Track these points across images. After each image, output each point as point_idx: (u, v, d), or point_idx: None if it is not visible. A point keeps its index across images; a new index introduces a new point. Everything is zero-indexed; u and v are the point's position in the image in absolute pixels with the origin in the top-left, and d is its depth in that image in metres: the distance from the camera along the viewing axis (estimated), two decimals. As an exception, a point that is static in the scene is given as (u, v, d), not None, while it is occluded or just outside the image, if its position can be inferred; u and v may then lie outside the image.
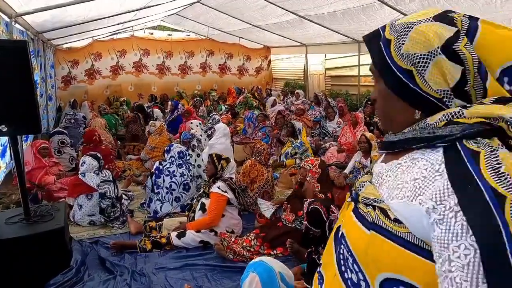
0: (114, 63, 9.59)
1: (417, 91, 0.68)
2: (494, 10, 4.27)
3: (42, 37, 5.81)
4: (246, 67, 11.45)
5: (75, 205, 3.68)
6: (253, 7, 6.80)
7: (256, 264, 1.67)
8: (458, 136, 0.61)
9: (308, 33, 7.80)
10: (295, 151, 5.09)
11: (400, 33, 0.70)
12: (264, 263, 1.69)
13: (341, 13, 5.93)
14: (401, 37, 0.69)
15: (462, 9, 4.48)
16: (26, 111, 2.34)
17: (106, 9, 5.31)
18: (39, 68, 5.81)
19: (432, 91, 0.67)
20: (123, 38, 9.72)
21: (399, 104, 0.73)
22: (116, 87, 9.63)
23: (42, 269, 2.51)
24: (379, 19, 5.69)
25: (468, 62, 0.63)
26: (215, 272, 2.82)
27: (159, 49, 10.14)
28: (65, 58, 8.78)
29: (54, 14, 4.35)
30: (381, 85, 0.75)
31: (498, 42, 0.64)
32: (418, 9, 4.90)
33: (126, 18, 6.87)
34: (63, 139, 5.11)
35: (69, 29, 5.79)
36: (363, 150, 4.21)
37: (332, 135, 6.28)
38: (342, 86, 9.76)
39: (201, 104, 8.75)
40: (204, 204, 3.24)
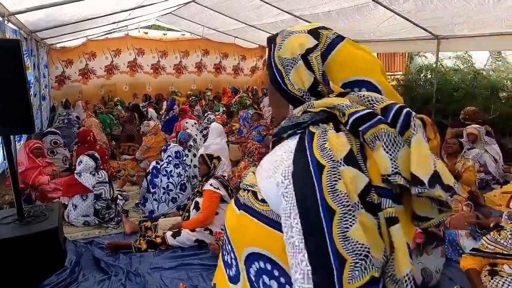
0: (108, 63, 9.53)
1: (286, 89, 0.81)
2: (487, 10, 4.31)
3: (35, 36, 5.76)
4: (241, 66, 11.44)
5: (69, 205, 3.65)
6: (248, 6, 6.80)
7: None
8: (308, 123, 0.73)
9: (303, 33, 7.81)
10: None
11: (282, 39, 0.84)
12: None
13: (335, 13, 5.95)
14: (282, 43, 0.83)
15: (455, 10, 4.54)
16: (19, 111, 2.32)
17: (100, 8, 5.28)
18: (33, 67, 5.76)
19: (294, 89, 0.80)
20: (117, 37, 9.64)
21: (280, 99, 0.85)
22: (110, 86, 9.57)
23: (36, 269, 2.50)
24: (374, 19, 5.71)
25: (316, 70, 0.77)
26: (211, 271, 2.82)
27: (154, 48, 10.09)
28: (59, 58, 8.71)
29: (47, 13, 4.31)
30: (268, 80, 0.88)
31: (347, 60, 0.78)
32: (412, 9, 4.94)
33: (121, 18, 6.82)
34: (55, 139, 5.07)
35: (63, 29, 5.74)
36: None
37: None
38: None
39: (196, 104, 8.73)
40: (198, 203, 3.25)
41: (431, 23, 5.33)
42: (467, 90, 6.28)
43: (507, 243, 2.20)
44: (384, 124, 0.67)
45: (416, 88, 7.17)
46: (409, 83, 7.40)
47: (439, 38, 5.75)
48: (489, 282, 2.14)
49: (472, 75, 6.61)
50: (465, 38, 5.42)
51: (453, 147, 3.98)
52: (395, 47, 7.04)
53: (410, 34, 5.94)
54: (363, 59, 0.79)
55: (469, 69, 6.88)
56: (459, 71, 6.93)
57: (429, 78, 7.15)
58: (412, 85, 7.27)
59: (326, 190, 0.63)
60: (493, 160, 4.65)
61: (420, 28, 5.52)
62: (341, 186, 0.63)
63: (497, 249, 2.22)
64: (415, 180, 0.63)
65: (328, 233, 0.61)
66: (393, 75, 7.89)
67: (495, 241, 2.26)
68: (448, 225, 3.25)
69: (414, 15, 5.18)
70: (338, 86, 0.77)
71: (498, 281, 2.10)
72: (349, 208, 0.61)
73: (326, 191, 0.63)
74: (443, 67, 7.21)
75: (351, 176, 0.64)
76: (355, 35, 7.06)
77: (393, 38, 6.41)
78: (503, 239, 2.23)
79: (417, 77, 7.41)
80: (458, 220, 3.27)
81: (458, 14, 4.67)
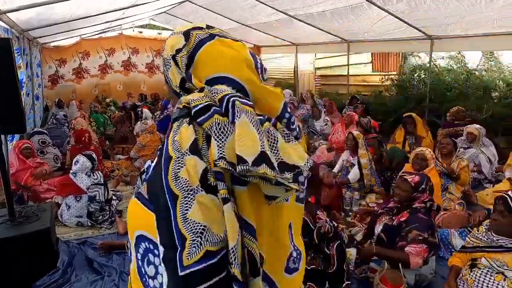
0: (102, 62, 9.47)
1: (170, 85, 0.90)
2: (479, 11, 4.34)
3: (27, 35, 5.71)
4: (236, 66, 11.41)
5: (63, 205, 3.63)
6: (243, 6, 6.79)
7: None
8: (175, 117, 0.81)
9: (298, 32, 7.82)
10: None
11: (168, 39, 0.91)
12: None
13: (330, 13, 5.96)
14: (164, 44, 0.91)
15: (448, 10, 4.57)
16: (10, 110, 2.30)
17: (93, 7, 5.24)
18: (25, 66, 5.70)
19: (173, 86, 0.88)
20: (111, 36, 9.59)
21: (173, 94, 0.92)
22: (104, 86, 9.51)
23: (28, 270, 2.48)
24: (368, 19, 5.74)
25: (181, 68, 0.85)
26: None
27: (148, 47, 10.05)
28: (52, 57, 8.64)
29: (39, 12, 4.27)
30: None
31: (210, 59, 0.84)
32: (405, 9, 4.96)
33: (114, 17, 6.79)
34: (43, 139, 4.99)
35: (55, 27, 5.70)
36: (349, 148, 4.25)
37: (321, 133, 6.32)
38: (331, 86, 9.82)
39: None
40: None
41: (424, 23, 5.37)
42: (460, 90, 6.33)
43: (482, 237, 2.25)
44: (217, 114, 0.76)
45: (410, 88, 7.21)
46: (403, 83, 7.44)
47: (432, 38, 5.79)
48: (469, 275, 2.21)
49: (465, 75, 6.66)
50: (458, 38, 5.46)
51: (447, 147, 4.00)
52: (389, 47, 7.08)
53: (404, 34, 5.97)
54: (227, 57, 0.84)
55: (462, 69, 6.93)
56: (452, 71, 6.98)
57: (423, 78, 7.19)
58: (406, 85, 7.30)
59: (170, 178, 0.74)
60: (488, 161, 4.69)
61: (413, 28, 5.55)
62: (183, 173, 0.73)
63: (476, 243, 2.28)
64: (240, 160, 0.70)
65: (173, 215, 0.72)
66: (387, 75, 7.92)
67: (475, 237, 2.32)
68: (440, 224, 3.27)
69: (407, 15, 5.21)
70: (203, 83, 0.84)
71: (476, 273, 2.21)
72: (188, 192, 0.72)
73: (171, 179, 0.74)
74: (437, 67, 7.26)
75: (193, 163, 0.74)
76: (349, 35, 7.09)
77: (387, 38, 6.44)
78: (480, 234, 2.29)
79: (411, 77, 7.45)
80: (451, 219, 3.30)
81: (451, 15, 4.71)
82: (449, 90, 6.45)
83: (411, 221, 2.49)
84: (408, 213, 2.55)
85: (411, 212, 2.55)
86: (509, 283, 2.04)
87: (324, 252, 2.16)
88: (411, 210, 2.56)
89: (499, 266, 2.12)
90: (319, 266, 2.17)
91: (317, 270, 2.17)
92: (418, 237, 2.38)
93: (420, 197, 2.57)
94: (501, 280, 2.08)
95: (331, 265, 2.15)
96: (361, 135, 4.25)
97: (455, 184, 3.88)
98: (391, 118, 6.86)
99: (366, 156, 4.06)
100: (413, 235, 2.40)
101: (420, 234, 2.39)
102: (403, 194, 2.61)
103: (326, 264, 2.15)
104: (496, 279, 2.10)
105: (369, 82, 8.95)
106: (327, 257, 2.15)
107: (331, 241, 2.20)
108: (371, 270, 2.60)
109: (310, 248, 2.26)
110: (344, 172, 4.35)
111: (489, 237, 2.21)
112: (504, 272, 2.10)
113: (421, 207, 2.55)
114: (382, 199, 3.84)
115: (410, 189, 2.59)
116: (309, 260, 2.24)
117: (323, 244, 2.21)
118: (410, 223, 2.47)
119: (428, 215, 2.54)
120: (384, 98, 7.55)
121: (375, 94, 7.85)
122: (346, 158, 4.39)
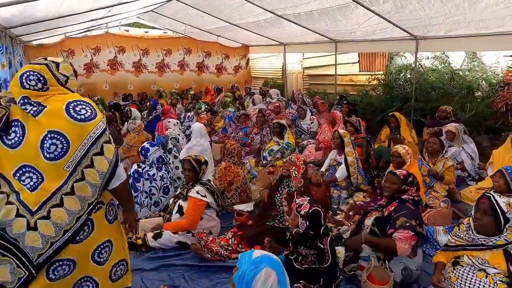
0: (88, 61, 9.31)
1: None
2: (462, 12, 4.43)
3: (10, 33, 5.56)
4: (225, 65, 11.38)
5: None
6: (231, 5, 6.77)
7: (264, 259, 1.51)
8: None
9: (286, 32, 7.84)
10: (283, 151, 5.08)
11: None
12: (271, 257, 1.58)
13: (317, 12, 5.99)
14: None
15: (433, 11, 4.64)
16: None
17: (77, 5, 5.14)
18: (8, 65, 5.54)
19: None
20: (97, 35, 9.42)
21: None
22: (90, 85, 9.34)
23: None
24: (355, 19, 5.79)
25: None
26: (193, 272, 2.80)
27: (135, 46, 9.90)
28: (36, 56, 8.43)
29: (22, 9, 4.17)
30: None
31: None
32: (391, 9, 5.03)
33: (100, 15, 6.67)
34: None
35: (39, 25, 5.57)
36: (335, 146, 4.28)
37: (308, 132, 6.36)
38: (319, 85, 9.88)
39: (178, 102, 8.63)
40: (182, 207, 3.18)
41: (409, 24, 5.45)
42: (445, 90, 6.44)
43: (463, 235, 2.30)
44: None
45: (396, 87, 7.30)
46: (389, 82, 7.53)
47: (417, 38, 5.88)
48: (452, 273, 2.26)
49: (449, 75, 6.79)
50: (443, 38, 5.56)
51: (434, 147, 4.06)
52: (375, 47, 7.16)
53: (390, 35, 6.06)
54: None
55: (446, 69, 7.05)
56: (437, 71, 7.10)
57: (409, 78, 7.30)
58: (392, 85, 7.39)
59: None
60: (469, 158, 4.80)
61: (399, 28, 5.63)
62: None
63: (457, 242, 2.33)
64: None
65: None
66: (374, 75, 8.01)
67: (456, 235, 2.37)
68: (426, 221, 3.33)
69: (393, 16, 5.28)
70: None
71: (458, 270, 2.25)
72: None
73: None
74: (422, 67, 7.38)
75: None
76: (337, 35, 7.14)
77: (374, 38, 6.52)
78: (461, 232, 2.33)
79: (397, 76, 7.55)
80: (436, 217, 3.36)
81: (435, 16, 4.79)
82: (434, 90, 6.56)
83: (399, 208, 2.55)
84: (397, 203, 2.61)
85: (400, 201, 2.61)
86: (490, 280, 2.08)
87: (318, 247, 2.18)
88: (400, 200, 2.62)
89: (480, 264, 2.17)
90: (312, 264, 2.19)
91: (310, 268, 2.18)
92: (406, 224, 2.43)
93: (408, 190, 2.63)
94: (483, 278, 2.12)
95: (326, 260, 2.16)
96: (347, 134, 4.29)
97: (440, 183, 3.95)
98: (378, 118, 6.94)
99: (352, 154, 4.10)
100: (401, 221, 2.45)
101: (407, 221, 2.44)
102: (394, 187, 2.67)
103: (320, 260, 2.17)
104: (478, 276, 2.14)
105: (356, 82, 9.04)
106: (321, 252, 2.17)
107: (324, 237, 2.22)
108: (360, 267, 2.62)
109: (301, 245, 2.28)
110: (331, 171, 4.38)
111: (470, 236, 2.26)
112: (485, 269, 2.14)
113: (409, 198, 2.61)
114: (369, 197, 3.88)
115: (399, 181, 2.65)
116: (300, 260, 2.25)
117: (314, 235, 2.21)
118: (398, 211, 2.53)
119: (416, 206, 2.60)
120: (370, 97, 7.63)
121: (362, 93, 7.93)
122: (333, 157, 4.43)
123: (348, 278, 2.65)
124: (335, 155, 4.40)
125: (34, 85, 1.63)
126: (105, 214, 1.80)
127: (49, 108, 1.62)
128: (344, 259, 2.71)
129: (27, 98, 1.61)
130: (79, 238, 1.69)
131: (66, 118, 1.61)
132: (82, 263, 1.74)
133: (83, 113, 1.64)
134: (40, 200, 1.60)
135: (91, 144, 1.65)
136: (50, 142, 1.58)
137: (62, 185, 1.62)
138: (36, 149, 1.59)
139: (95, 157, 1.66)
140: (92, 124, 1.65)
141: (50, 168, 1.61)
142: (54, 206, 1.62)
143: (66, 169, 1.62)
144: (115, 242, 1.90)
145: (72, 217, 1.65)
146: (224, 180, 3.85)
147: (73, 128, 1.61)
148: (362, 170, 4.21)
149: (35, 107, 1.61)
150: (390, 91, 7.29)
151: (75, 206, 1.65)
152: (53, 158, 1.60)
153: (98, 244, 1.79)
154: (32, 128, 1.62)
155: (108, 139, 1.72)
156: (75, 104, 1.65)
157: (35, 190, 1.60)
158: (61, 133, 1.59)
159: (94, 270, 1.80)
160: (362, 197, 4.00)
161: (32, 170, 1.60)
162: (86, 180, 1.65)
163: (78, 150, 1.62)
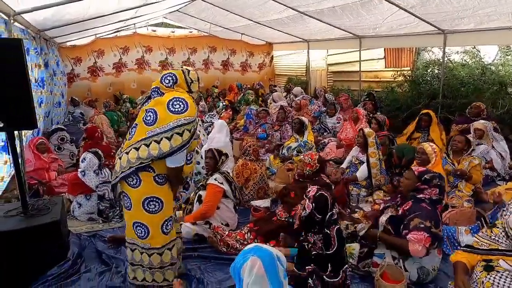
0: (116, 60, 9.67)
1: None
2: (492, 4, 4.23)
3: (44, 35, 5.88)
4: (249, 63, 11.45)
5: (74, 203, 3.75)
6: (254, 3, 6.81)
7: (254, 249, 1.64)
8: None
9: (309, 29, 7.78)
10: (300, 149, 5.08)
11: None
12: (261, 247, 1.67)
13: (340, 8, 5.91)
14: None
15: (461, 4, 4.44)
16: (21, 107, 2.41)
17: (104, 7, 5.36)
18: (44, 66, 5.83)
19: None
20: (125, 35, 9.78)
21: None
22: (119, 84, 9.71)
23: (39, 260, 2.59)
24: (379, 13, 5.66)
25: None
26: (208, 264, 2.88)
27: (161, 46, 10.19)
28: (68, 56, 8.88)
29: (53, 12, 4.41)
30: None
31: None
32: (416, 3, 4.88)
33: (127, 16, 6.91)
34: (63, 135, 5.19)
35: (70, 27, 5.85)
36: (359, 144, 4.22)
37: (332, 130, 6.29)
38: (344, 82, 9.73)
39: (200, 99, 8.80)
40: (201, 196, 3.30)
41: (436, 18, 5.26)
42: (475, 85, 6.15)
43: (501, 240, 2.18)
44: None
45: (423, 83, 7.06)
46: (415, 78, 7.29)
47: (445, 32, 5.67)
48: (486, 278, 2.11)
49: (480, 70, 6.47)
50: (472, 32, 5.32)
51: (458, 145, 3.91)
52: (401, 42, 6.96)
53: (416, 29, 5.87)
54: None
55: (477, 64, 6.73)
56: (467, 66, 6.80)
57: (436, 73, 7.04)
58: (419, 81, 7.15)
59: None
60: (499, 156, 4.58)
61: (426, 22, 5.44)
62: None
63: (492, 246, 2.20)
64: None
65: None
66: (400, 71, 7.77)
67: (489, 238, 2.24)
68: (447, 221, 3.23)
69: (419, 10, 5.12)
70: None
71: (495, 277, 2.08)
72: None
73: None
74: (451, 62, 7.09)
75: None
76: (361, 31, 7.01)
77: (399, 33, 6.34)
78: (496, 236, 2.21)
79: (424, 72, 7.30)
80: (458, 216, 3.25)
81: (464, 8, 4.60)
82: (464, 86, 6.29)
83: (414, 209, 2.50)
84: (412, 202, 2.56)
85: (415, 201, 2.56)
86: None
87: (325, 233, 2.23)
88: (415, 199, 2.57)
89: None
90: (320, 250, 2.23)
91: (319, 254, 2.22)
92: (420, 225, 2.37)
93: (425, 189, 2.56)
94: None
95: (332, 245, 2.20)
96: (373, 133, 4.18)
97: (465, 182, 3.81)
98: (404, 115, 6.75)
99: (375, 156, 4.00)
100: (415, 222, 2.40)
101: (421, 222, 2.38)
102: (407, 182, 2.62)
103: (326, 245, 2.21)
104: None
105: (381, 78, 8.82)
106: (327, 237, 2.22)
107: (331, 225, 2.26)
108: (374, 264, 2.60)
109: (309, 231, 2.33)
110: (353, 169, 4.33)
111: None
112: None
113: (425, 197, 2.54)
114: (390, 196, 3.80)
115: (414, 177, 2.59)
116: (310, 247, 2.28)
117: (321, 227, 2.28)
118: (413, 211, 2.48)
119: (433, 206, 2.53)
120: (396, 94, 7.43)
121: (387, 90, 7.72)
122: (355, 154, 4.37)
123: (362, 276, 2.63)
124: (357, 152, 4.34)
125: (167, 82, 2.35)
126: (154, 178, 2.29)
127: (163, 97, 2.29)
128: (358, 255, 2.69)
129: (157, 88, 2.36)
130: (131, 182, 2.27)
131: (164, 107, 2.22)
132: (136, 205, 2.29)
133: (176, 107, 2.21)
134: (127, 146, 2.30)
135: (167, 130, 2.17)
136: (149, 114, 2.25)
137: (138, 141, 2.23)
138: (141, 116, 2.30)
139: (164, 139, 2.18)
140: (176, 117, 2.19)
141: (141, 128, 2.26)
142: (127, 153, 2.25)
143: (147, 133, 2.21)
144: (165, 202, 2.33)
145: (127, 164, 2.24)
146: (241, 177, 3.91)
147: (165, 114, 2.20)
148: (385, 171, 4.10)
149: (158, 94, 2.35)
150: (417, 87, 7.05)
151: (133, 157, 2.22)
152: (145, 123, 2.24)
153: (146, 196, 2.28)
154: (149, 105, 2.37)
155: (181, 132, 2.19)
156: (175, 100, 2.24)
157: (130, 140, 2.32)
158: (155, 111, 2.23)
159: (145, 217, 2.30)
160: (382, 195, 3.92)
161: (135, 127, 2.32)
162: (149, 147, 2.19)
163: (158, 128, 2.19)
